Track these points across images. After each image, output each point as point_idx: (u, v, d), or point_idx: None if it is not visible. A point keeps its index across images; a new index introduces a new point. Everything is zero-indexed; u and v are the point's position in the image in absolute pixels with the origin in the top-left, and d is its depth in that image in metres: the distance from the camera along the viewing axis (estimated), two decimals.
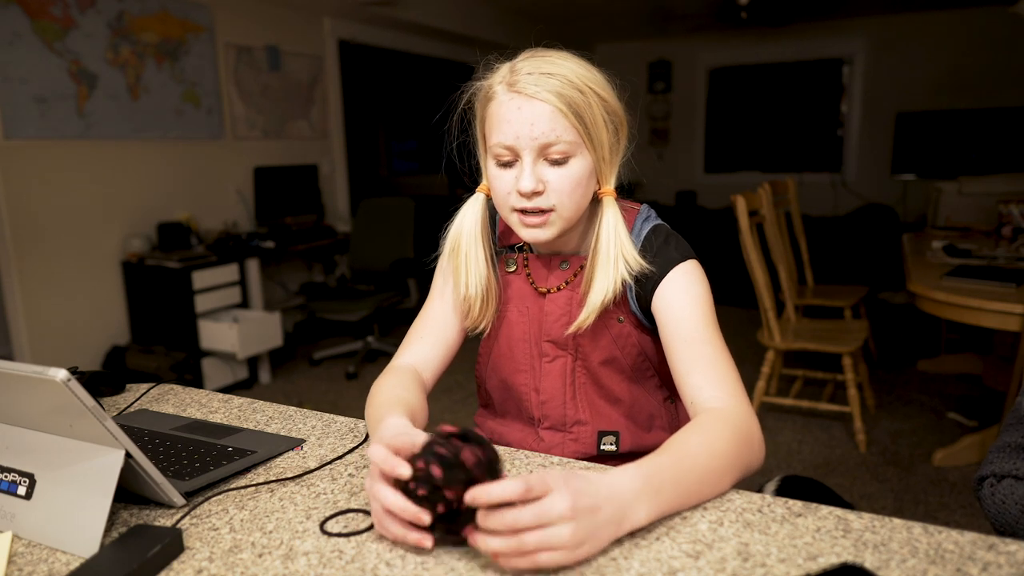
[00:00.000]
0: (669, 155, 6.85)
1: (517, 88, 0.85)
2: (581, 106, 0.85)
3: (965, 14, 5.48)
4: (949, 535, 0.65)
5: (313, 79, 4.42)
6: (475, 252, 0.97)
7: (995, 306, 1.97)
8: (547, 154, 0.86)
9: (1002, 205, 3.00)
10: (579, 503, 0.61)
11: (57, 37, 3.01)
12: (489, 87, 0.90)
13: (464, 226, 0.98)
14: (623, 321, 0.97)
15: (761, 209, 2.68)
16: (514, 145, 0.86)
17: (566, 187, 0.87)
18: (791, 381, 3.26)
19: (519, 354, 1.02)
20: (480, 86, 0.92)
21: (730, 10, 5.26)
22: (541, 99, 0.84)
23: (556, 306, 0.98)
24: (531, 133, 0.85)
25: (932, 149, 5.56)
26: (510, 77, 0.87)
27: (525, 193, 0.87)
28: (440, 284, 1.05)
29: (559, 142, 0.85)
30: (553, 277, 0.99)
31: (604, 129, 0.88)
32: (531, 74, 0.85)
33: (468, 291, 0.97)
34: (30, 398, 0.69)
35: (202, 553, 0.67)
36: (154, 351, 3.28)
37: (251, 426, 1.00)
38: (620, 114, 0.91)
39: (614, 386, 0.99)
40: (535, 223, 0.89)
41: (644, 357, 0.99)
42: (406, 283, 4.37)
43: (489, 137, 0.90)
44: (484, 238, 0.98)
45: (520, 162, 0.87)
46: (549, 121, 0.85)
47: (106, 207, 3.28)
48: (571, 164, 0.87)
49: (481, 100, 0.91)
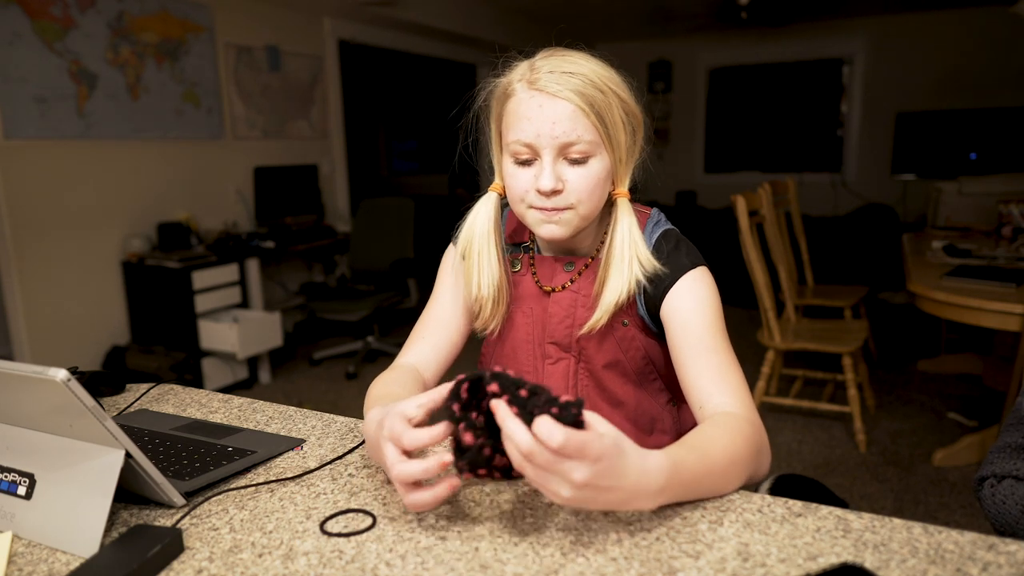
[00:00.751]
0: (669, 155, 6.86)
1: (538, 86, 0.85)
2: (602, 106, 0.85)
3: (965, 14, 5.48)
4: (949, 535, 0.65)
5: (313, 79, 4.42)
6: (488, 252, 0.97)
7: (995, 306, 1.97)
8: (567, 153, 0.86)
9: (1002, 205, 3.00)
10: (598, 481, 0.61)
11: (57, 37, 3.01)
12: (508, 84, 0.89)
13: (477, 226, 0.97)
14: (627, 324, 0.96)
15: (761, 209, 2.68)
16: (534, 143, 0.86)
17: (585, 187, 0.87)
18: (791, 381, 3.26)
19: (522, 356, 1.01)
20: (498, 83, 0.91)
21: (730, 10, 5.26)
22: (563, 97, 0.84)
23: (560, 307, 0.98)
24: (552, 132, 0.85)
25: (932, 149, 5.56)
26: (530, 75, 0.86)
27: (545, 192, 0.87)
28: (446, 283, 1.04)
29: (580, 142, 0.85)
30: (558, 277, 0.99)
31: (623, 130, 0.88)
32: (552, 72, 0.85)
33: (480, 292, 0.97)
34: (30, 398, 0.69)
35: (202, 553, 0.67)
36: (154, 351, 3.28)
37: (251, 426, 1.00)
38: (638, 115, 0.91)
39: (617, 389, 0.99)
40: (551, 219, 0.89)
41: (648, 361, 0.99)
42: (406, 283, 4.37)
43: (507, 134, 0.90)
44: (496, 238, 0.98)
45: (539, 161, 0.87)
46: (571, 120, 0.84)
47: (106, 207, 3.28)
48: (591, 164, 0.87)
49: (499, 97, 0.91)
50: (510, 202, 0.94)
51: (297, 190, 4.14)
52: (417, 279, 4.58)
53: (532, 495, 0.76)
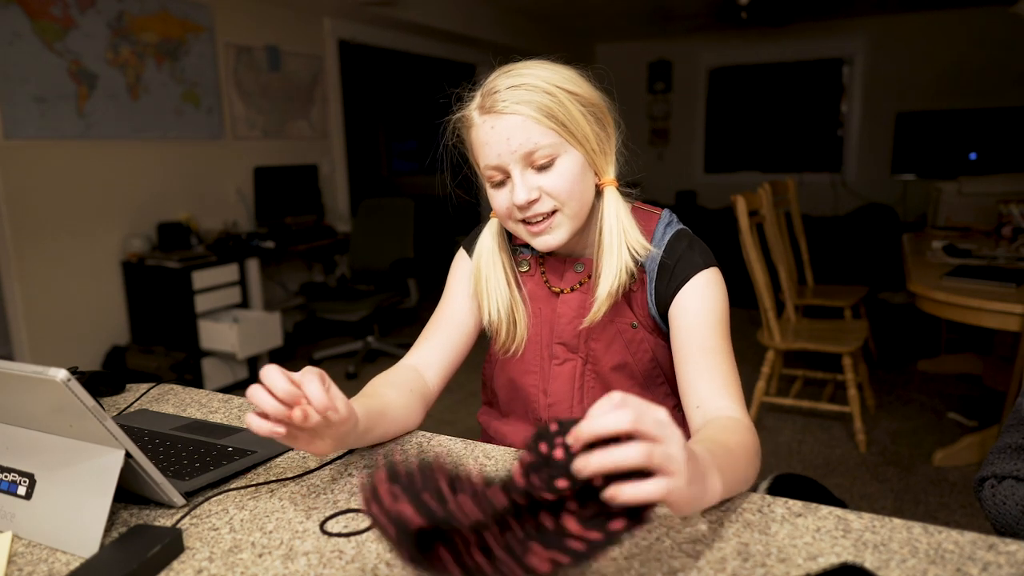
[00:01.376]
0: (669, 155, 6.85)
1: (488, 109, 0.87)
2: (552, 108, 0.86)
3: (965, 14, 5.48)
4: (949, 535, 0.65)
5: (313, 79, 4.42)
6: (495, 277, 0.99)
7: (995, 306, 1.97)
8: (532, 162, 0.88)
9: (1002, 205, 3.00)
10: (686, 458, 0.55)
11: (57, 37, 3.01)
12: (467, 116, 0.91)
13: (482, 254, 1.00)
14: (637, 327, 0.96)
15: (761, 209, 2.68)
16: (499, 164, 0.88)
17: (561, 188, 0.88)
18: (791, 381, 3.26)
19: (529, 355, 1.02)
20: (460, 117, 0.93)
21: (730, 10, 5.26)
22: (511, 112, 0.86)
23: (569, 308, 0.98)
24: (509, 147, 0.86)
25: (932, 149, 5.56)
26: (482, 101, 0.89)
27: (521, 205, 0.88)
28: (452, 288, 1.05)
29: (539, 147, 0.86)
30: (567, 278, 0.99)
31: (585, 122, 0.89)
32: (498, 92, 0.87)
33: (491, 317, 0.99)
34: (30, 398, 0.69)
35: (202, 553, 0.67)
36: (154, 351, 3.28)
37: None
38: (598, 103, 0.91)
39: (623, 391, 0.99)
40: (541, 229, 0.90)
41: (656, 364, 0.99)
42: (406, 283, 4.37)
43: (478, 163, 0.92)
44: (504, 259, 1.00)
45: (510, 178, 0.89)
46: (523, 131, 0.86)
47: (106, 207, 3.28)
48: (558, 165, 0.88)
49: (464, 130, 0.93)
50: (503, 225, 0.96)
51: (297, 190, 4.14)
52: (417, 279, 4.58)
53: None
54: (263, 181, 3.91)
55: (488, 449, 0.89)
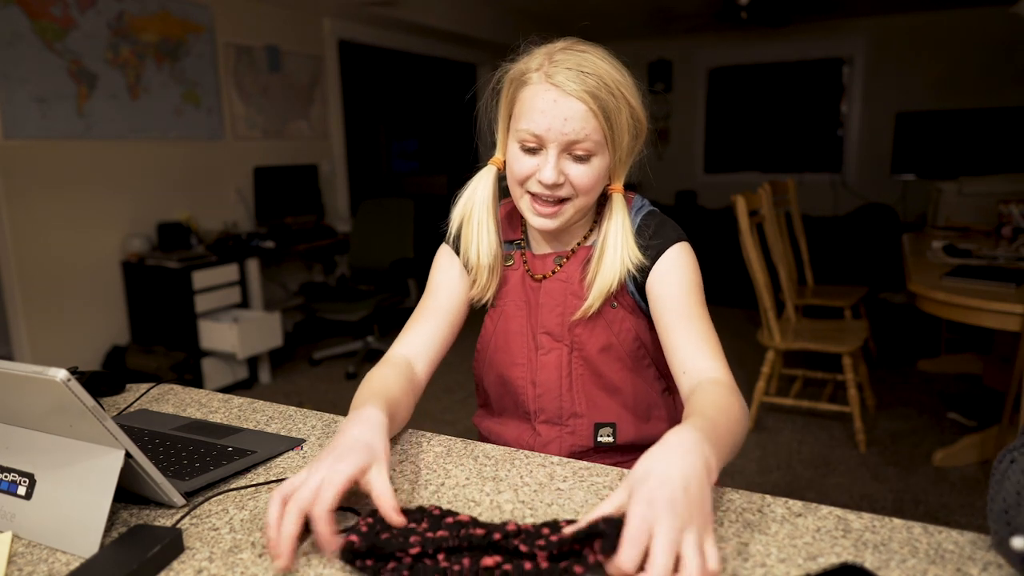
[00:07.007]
0: (669, 155, 6.85)
1: (555, 80, 0.87)
2: (612, 110, 0.88)
3: (965, 14, 5.47)
4: (949, 535, 0.65)
5: (313, 79, 4.42)
6: (487, 222, 1.00)
7: (995, 306, 1.97)
8: (572, 149, 0.89)
9: (1002, 205, 3.00)
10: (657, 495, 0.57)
11: (57, 37, 3.01)
12: (525, 71, 0.91)
13: (477, 196, 1.00)
14: (616, 307, 0.99)
15: (761, 209, 2.68)
16: (543, 135, 0.88)
17: (585, 183, 0.91)
18: (791, 381, 3.26)
19: (515, 347, 1.03)
20: (514, 67, 0.93)
21: (730, 10, 5.26)
22: (577, 97, 0.86)
23: (551, 298, 1.00)
24: (563, 128, 0.87)
25: (932, 149, 5.56)
26: (548, 67, 0.88)
27: (546, 184, 0.89)
28: (437, 278, 1.05)
29: (586, 140, 0.88)
30: (549, 268, 1.01)
31: (627, 133, 0.91)
32: (571, 70, 0.86)
33: (480, 260, 1.00)
34: (30, 398, 0.69)
35: (202, 553, 0.67)
36: (154, 351, 3.28)
37: (251, 426, 1.00)
38: (643, 121, 0.94)
39: (613, 375, 1.01)
40: (548, 212, 0.92)
41: (640, 344, 1.01)
42: (406, 283, 4.37)
43: (517, 120, 0.91)
44: (494, 210, 1.01)
45: (545, 152, 0.89)
46: (582, 120, 0.87)
47: (106, 207, 3.28)
48: (593, 162, 0.90)
49: (513, 80, 0.93)
50: (509, 183, 0.96)
51: (297, 190, 4.14)
52: (417, 279, 4.57)
53: (532, 495, 0.76)
54: (263, 181, 3.91)
55: (488, 449, 0.89)
